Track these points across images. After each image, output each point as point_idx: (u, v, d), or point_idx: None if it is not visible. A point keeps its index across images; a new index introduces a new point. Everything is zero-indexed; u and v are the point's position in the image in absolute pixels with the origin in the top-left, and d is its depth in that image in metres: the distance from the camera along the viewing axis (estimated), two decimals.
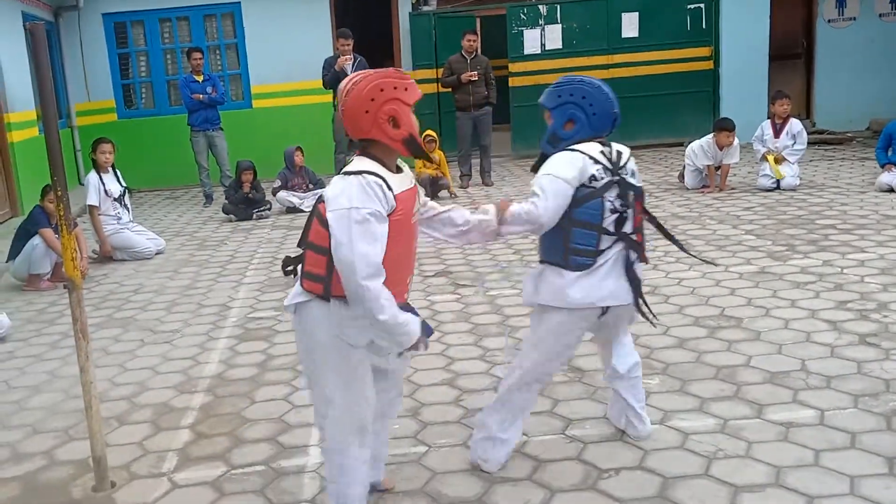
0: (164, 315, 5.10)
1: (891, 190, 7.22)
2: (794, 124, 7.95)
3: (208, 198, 9.76)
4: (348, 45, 9.52)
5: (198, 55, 9.53)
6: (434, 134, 9.35)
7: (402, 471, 2.89)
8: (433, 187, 9.09)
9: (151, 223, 8.44)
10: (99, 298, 5.61)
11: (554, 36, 11.75)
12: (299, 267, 2.44)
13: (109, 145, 6.77)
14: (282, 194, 8.93)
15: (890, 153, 7.46)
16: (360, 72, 2.35)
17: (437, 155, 9.21)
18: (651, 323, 2.85)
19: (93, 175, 6.73)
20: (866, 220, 6.27)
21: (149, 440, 3.27)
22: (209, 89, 9.47)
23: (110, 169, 6.82)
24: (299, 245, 2.43)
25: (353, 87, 2.29)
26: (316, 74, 9.80)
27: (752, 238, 6.05)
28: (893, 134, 7.49)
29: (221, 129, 9.71)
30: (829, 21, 11.75)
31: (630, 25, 11.62)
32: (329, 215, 2.22)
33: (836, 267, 5.07)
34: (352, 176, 2.25)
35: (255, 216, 8.62)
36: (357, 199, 2.19)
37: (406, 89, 2.32)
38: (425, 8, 12.21)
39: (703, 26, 11.52)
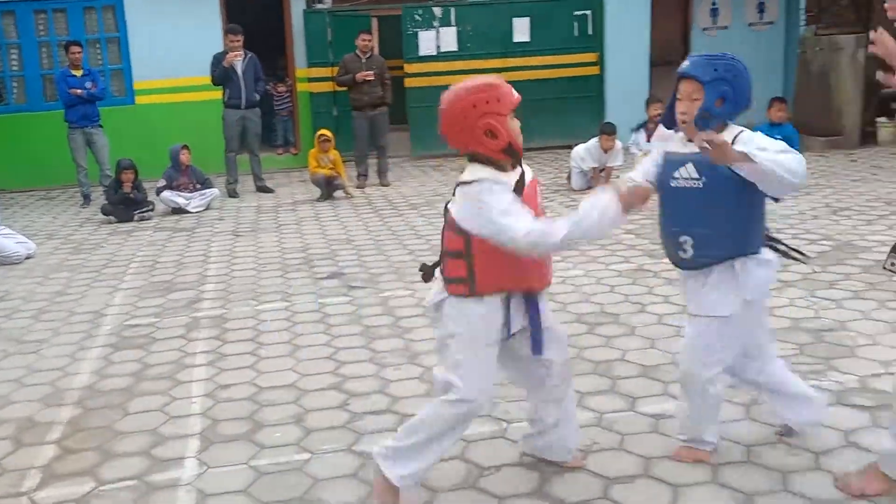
0: (32, 324, 4.82)
1: None
2: (664, 129, 8.29)
3: (86, 198, 9.30)
4: (238, 41, 9.30)
5: (76, 49, 9.07)
6: (329, 133, 9.26)
7: (284, 479, 2.83)
8: (328, 187, 9.00)
9: (22, 226, 7.96)
10: None
11: (449, 38, 11.84)
12: (438, 273, 2.62)
13: None
14: (166, 194, 8.61)
15: None
16: (456, 87, 2.48)
17: (333, 155, 9.13)
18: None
19: None
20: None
21: (8, 458, 3.08)
22: (88, 84, 9.03)
23: None
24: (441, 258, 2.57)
25: (447, 108, 2.45)
26: (204, 70, 9.53)
27: (631, 237, 6.27)
28: None
29: (101, 125, 9.27)
30: (703, 29, 12.35)
31: (521, 30, 11.85)
32: (466, 225, 2.44)
33: None
34: (469, 185, 2.44)
35: (136, 217, 8.28)
36: (486, 200, 2.39)
37: (499, 100, 2.46)
38: (319, 6, 12.05)
39: (590, 33, 11.89)
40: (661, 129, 2.87)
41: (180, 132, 10.30)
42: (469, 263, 2.45)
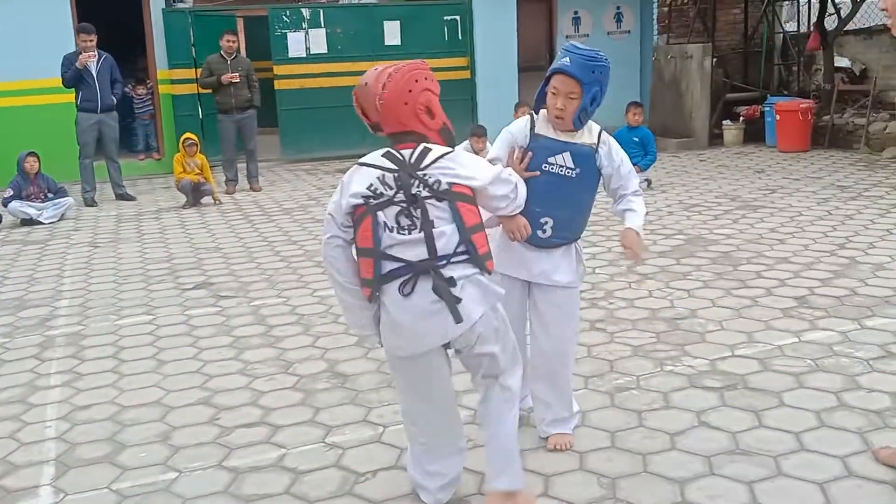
0: None
1: None
2: None
3: None
4: (91, 40, 8.83)
5: None
6: (194, 137, 8.95)
7: (149, 501, 2.71)
8: (195, 193, 8.69)
9: None
10: None
11: (318, 40, 11.72)
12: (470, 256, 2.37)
13: None
14: (14, 205, 8.04)
15: None
16: (390, 64, 2.39)
17: (199, 159, 8.82)
18: None
19: None
20: (599, 216, 6.87)
21: None
22: None
23: None
24: (457, 248, 2.34)
25: (389, 81, 2.33)
26: (55, 72, 8.97)
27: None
28: (620, 140, 8.23)
29: None
30: (566, 36, 12.83)
31: (392, 33, 11.90)
32: (480, 183, 2.40)
33: None
34: (451, 152, 2.39)
35: None
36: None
37: (433, 80, 2.41)
38: (180, 5, 11.63)
39: (459, 37, 12.09)
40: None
41: (30, 138, 9.64)
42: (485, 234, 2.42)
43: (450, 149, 2.41)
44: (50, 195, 8.33)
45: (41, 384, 3.81)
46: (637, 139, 8.17)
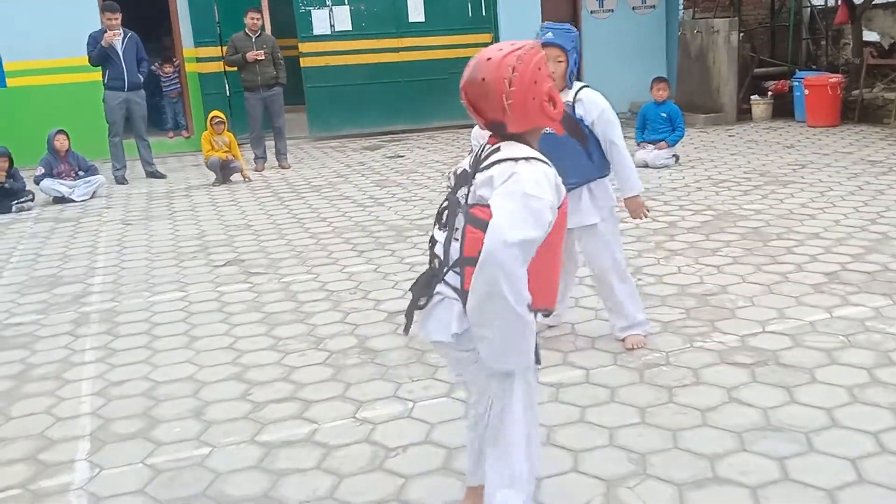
0: None
1: (646, 165, 7.93)
2: None
3: None
4: (116, 19, 8.88)
5: None
6: (222, 115, 9.00)
7: (183, 476, 2.76)
8: (224, 171, 8.76)
9: None
10: None
11: (342, 17, 11.68)
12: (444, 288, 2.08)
13: None
14: (46, 183, 8.16)
15: (645, 133, 8.20)
16: (505, 50, 2.00)
17: (227, 137, 8.88)
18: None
19: None
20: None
21: None
22: None
23: None
24: (451, 267, 2.05)
25: (515, 76, 1.95)
26: (82, 50, 9.04)
27: None
28: (647, 115, 8.24)
29: None
30: (591, 12, 12.67)
31: (416, 10, 11.83)
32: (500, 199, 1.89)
33: None
34: (528, 162, 1.96)
35: (14, 209, 7.82)
36: (535, 188, 1.89)
37: (545, 60, 2.05)
38: None
39: (483, 14, 11.99)
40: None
41: (60, 116, 9.78)
42: None
43: (521, 158, 1.99)
44: (81, 173, 8.44)
45: (76, 360, 3.88)
46: (665, 115, 8.07)
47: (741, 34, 11.11)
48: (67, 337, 4.23)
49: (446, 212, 2.10)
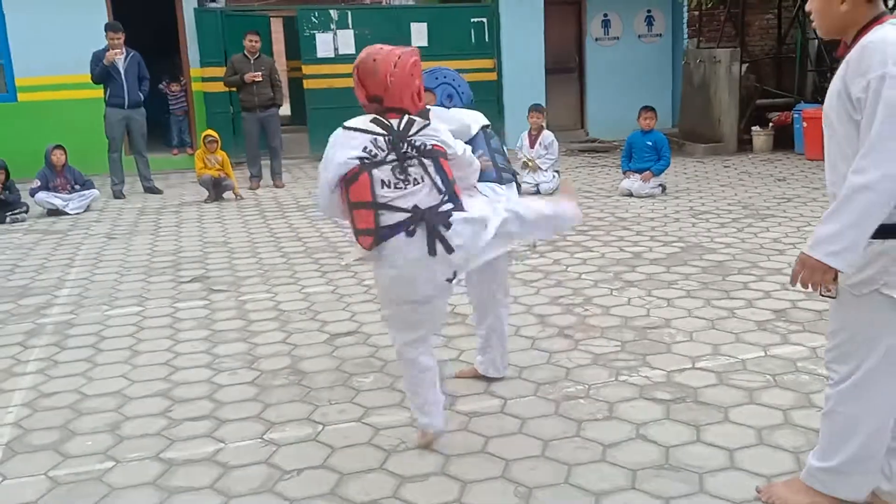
0: None
1: (630, 195, 7.91)
2: (546, 136, 8.50)
3: None
4: (118, 38, 9.09)
5: None
6: (215, 134, 9.14)
7: (79, 489, 2.79)
8: (216, 189, 8.89)
9: None
10: None
11: (346, 41, 11.85)
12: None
13: None
14: (41, 195, 8.33)
15: (632, 162, 8.19)
16: (389, 47, 2.79)
17: (220, 155, 9.01)
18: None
19: None
20: (602, 222, 6.84)
21: None
22: None
23: None
24: (449, 200, 2.76)
25: (399, 61, 2.73)
26: (87, 68, 9.24)
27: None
28: (633, 144, 8.23)
29: None
30: (596, 39, 12.72)
31: (419, 35, 11.96)
32: (453, 151, 2.88)
33: (562, 265, 5.49)
34: (433, 123, 2.84)
35: (8, 219, 8.00)
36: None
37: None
38: (212, 5, 11.87)
39: (486, 39, 12.09)
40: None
41: (66, 131, 10.01)
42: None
43: (429, 121, 2.83)
44: (77, 187, 8.60)
45: (18, 371, 3.95)
46: (650, 143, 8.05)
47: (745, 65, 11.07)
48: (17, 347, 4.30)
49: (396, 173, 2.71)
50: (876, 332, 2.20)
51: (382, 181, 2.69)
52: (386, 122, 2.76)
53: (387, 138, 2.72)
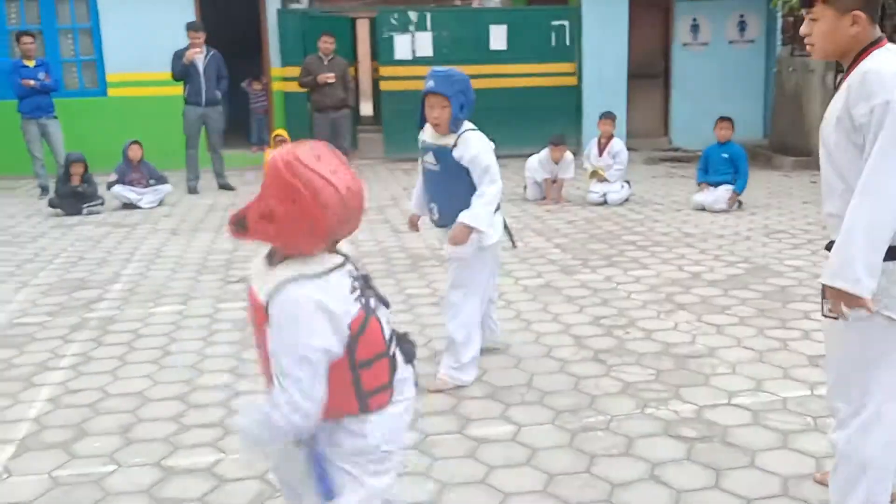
0: None
1: (703, 209, 7.54)
2: (615, 144, 8.21)
3: (44, 189, 9.34)
4: (199, 37, 9.32)
5: (27, 39, 9.15)
6: (284, 134, 9.28)
7: (75, 491, 2.80)
8: None
9: None
10: None
11: (424, 43, 11.83)
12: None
13: None
14: (117, 189, 8.63)
15: (708, 175, 7.81)
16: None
17: None
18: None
19: None
20: (666, 237, 6.52)
21: None
22: (41, 75, 9.08)
23: None
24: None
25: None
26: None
27: (556, 251, 6.20)
28: (709, 156, 7.84)
29: (55, 116, 9.32)
30: (684, 45, 12.25)
31: (498, 38, 11.82)
32: None
33: (613, 283, 5.25)
34: None
35: (84, 211, 8.31)
36: None
37: None
38: (295, 6, 12.07)
39: (567, 43, 11.83)
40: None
41: (148, 127, 10.37)
42: None
43: None
44: (151, 182, 8.87)
45: (51, 365, 4.04)
46: (726, 156, 7.65)
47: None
48: (58, 341, 4.41)
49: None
50: (877, 357, 2.12)
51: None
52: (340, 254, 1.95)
53: (350, 267, 1.93)
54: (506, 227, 3.69)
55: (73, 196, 8.29)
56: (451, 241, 3.46)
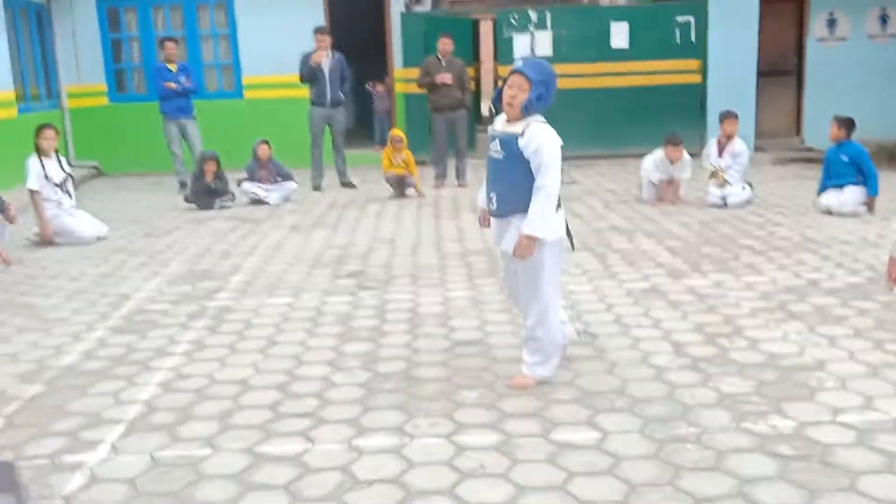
0: (63, 302, 5.27)
1: (829, 212, 7.10)
2: (736, 144, 7.85)
3: (183, 185, 10.00)
4: (325, 41, 9.69)
5: (171, 44, 9.80)
6: (401, 134, 9.49)
7: (172, 473, 2.98)
8: (400, 186, 9.23)
9: (118, 207, 8.73)
10: (13, 282, 5.83)
11: (544, 42, 11.77)
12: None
13: (52, 131, 7.00)
14: (246, 185, 9.12)
15: (830, 179, 7.34)
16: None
17: (405, 154, 9.33)
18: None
19: (33, 160, 6.96)
20: (787, 242, 6.19)
21: None
22: (182, 79, 9.70)
23: (53, 154, 7.05)
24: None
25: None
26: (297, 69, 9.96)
27: (667, 254, 6.01)
28: (829, 160, 7.37)
29: (194, 117, 9.96)
30: (819, 40, 11.57)
31: (619, 35, 11.59)
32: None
33: (723, 289, 5.03)
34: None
35: (217, 206, 8.82)
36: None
37: None
38: (417, 9, 12.30)
39: (692, 40, 11.44)
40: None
41: (279, 126, 10.90)
42: None
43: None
44: (278, 179, 9.31)
45: (168, 350, 4.32)
46: (845, 157, 7.15)
47: None
48: (177, 328, 4.71)
49: None
50: None
51: None
52: None
53: None
54: (567, 229, 3.60)
55: (206, 192, 8.82)
56: (518, 257, 3.45)
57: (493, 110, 3.69)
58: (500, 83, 3.44)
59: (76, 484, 2.89)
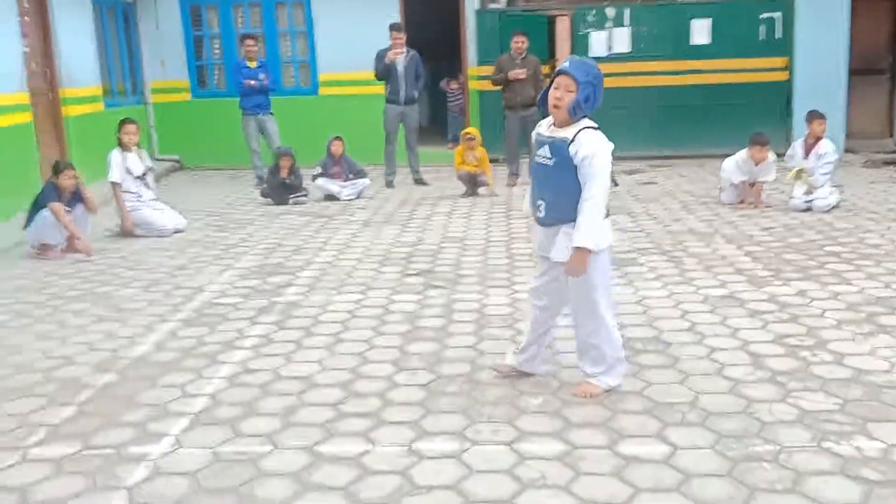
0: (139, 293, 5.40)
1: None
2: (822, 146, 7.48)
3: (260, 180, 10.16)
4: (400, 38, 9.71)
5: (250, 42, 9.97)
6: (474, 132, 9.41)
7: (232, 469, 2.99)
8: (472, 184, 9.18)
9: (195, 200, 8.96)
10: (94, 272, 6.02)
11: (622, 39, 11.54)
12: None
13: (134, 126, 7.22)
14: (320, 181, 9.23)
15: None
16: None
17: (478, 152, 9.26)
18: None
19: (115, 153, 7.18)
20: (877, 250, 5.85)
21: (34, 413, 3.48)
22: (261, 76, 9.88)
23: (134, 148, 7.26)
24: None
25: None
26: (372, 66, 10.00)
27: (747, 260, 5.77)
28: None
29: (272, 113, 10.12)
30: None
31: (700, 32, 11.27)
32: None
33: (807, 298, 4.78)
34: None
35: (291, 202, 8.95)
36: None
37: None
38: (493, 6, 12.20)
39: (778, 36, 11.00)
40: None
41: (353, 123, 10.97)
42: None
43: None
44: (351, 175, 9.38)
45: (237, 344, 4.36)
46: None
47: None
48: (246, 322, 4.76)
49: None
50: None
51: None
52: None
53: None
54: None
55: (281, 187, 8.96)
56: (571, 274, 3.33)
57: (541, 113, 3.51)
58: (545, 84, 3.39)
59: (140, 476, 2.93)
